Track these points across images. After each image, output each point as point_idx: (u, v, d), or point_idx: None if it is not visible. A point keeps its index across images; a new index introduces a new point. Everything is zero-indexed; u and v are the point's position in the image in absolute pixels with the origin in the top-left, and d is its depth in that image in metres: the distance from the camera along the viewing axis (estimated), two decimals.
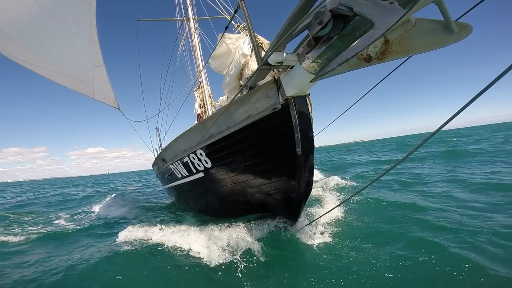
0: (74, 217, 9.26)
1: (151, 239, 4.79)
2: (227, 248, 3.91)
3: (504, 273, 2.70)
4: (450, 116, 1.95)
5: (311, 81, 2.96)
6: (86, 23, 6.82)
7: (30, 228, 7.50)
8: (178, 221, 6.14)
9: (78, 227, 6.93)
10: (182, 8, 11.08)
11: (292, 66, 3.14)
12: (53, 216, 9.67)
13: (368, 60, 2.54)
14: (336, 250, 3.68)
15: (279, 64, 3.05)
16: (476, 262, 2.96)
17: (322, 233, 4.26)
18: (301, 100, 3.47)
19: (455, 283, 2.68)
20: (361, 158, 21.19)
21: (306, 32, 2.60)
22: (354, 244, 3.83)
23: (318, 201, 6.42)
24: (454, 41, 2.26)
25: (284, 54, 2.98)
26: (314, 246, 3.87)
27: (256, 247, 3.85)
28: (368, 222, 4.70)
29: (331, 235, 4.24)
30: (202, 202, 6.39)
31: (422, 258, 3.22)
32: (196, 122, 12.48)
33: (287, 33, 2.55)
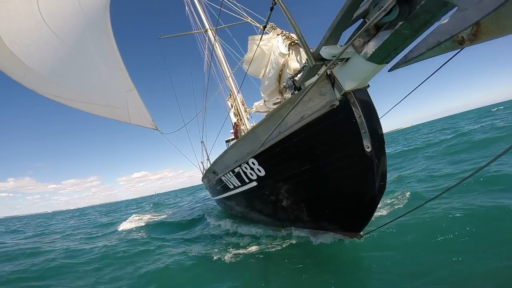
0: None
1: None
2: None
3: None
4: None
5: (390, 69, 2.56)
6: (108, 50, 6.79)
7: None
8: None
9: None
10: (198, 21, 11.00)
11: (347, 59, 2.86)
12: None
13: (462, 42, 2.21)
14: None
15: (333, 58, 2.64)
16: None
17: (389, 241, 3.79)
18: (363, 93, 3.16)
19: None
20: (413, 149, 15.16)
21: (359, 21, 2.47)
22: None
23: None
24: None
25: (339, 46, 2.71)
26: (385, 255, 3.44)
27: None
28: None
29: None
30: (254, 212, 6.32)
31: None
32: (232, 131, 12.34)
33: (342, 24, 2.39)
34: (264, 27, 3.68)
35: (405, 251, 3.46)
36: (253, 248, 5.01)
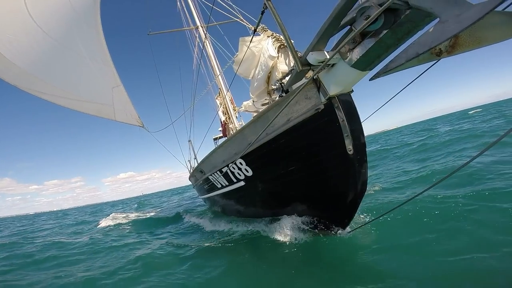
0: None
1: None
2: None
3: None
4: None
5: (371, 79, 2.69)
6: (95, 45, 6.61)
7: None
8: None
9: None
10: (189, 17, 10.85)
11: (333, 64, 2.96)
12: None
13: (439, 54, 2.32)
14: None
15: (320, 64, 2.77)
16: None
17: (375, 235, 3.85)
18: (346, 98, 3.30)
19: None
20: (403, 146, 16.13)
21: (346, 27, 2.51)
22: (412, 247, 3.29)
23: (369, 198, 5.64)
24: None
25: (326, 53, 2.81)
26: (369, 250, 3.46)
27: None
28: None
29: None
30: (241, 208, 6.45)
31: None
32: (220, 129, 12.28)
33: (329, 31, 2.45)
34: (255, 30, 3.72)
35: (387, 249, 3.48)
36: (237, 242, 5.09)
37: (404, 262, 2.99)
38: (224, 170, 5.31)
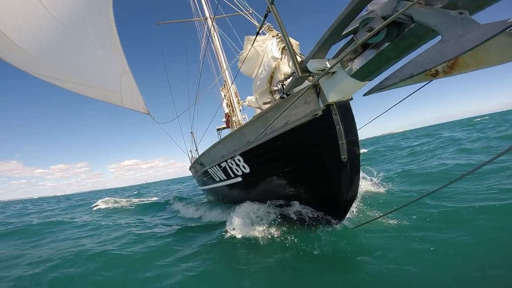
0: None
1: None
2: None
3: None
4: None
5: (365, 94, 2.68)
6: (106, 32, 6.66)
7: None
8: None
9: None
10: (198, 8, 10.78)
11: (334, 72, 2.96)
12: None
13: (435, 75, 2.27)
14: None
15: (320, 72, 2.79)
16: None
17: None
18: (345, 105, 3.34)
19: None
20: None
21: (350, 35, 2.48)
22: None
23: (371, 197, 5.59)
24: None
25: (326, 61, 2.79)
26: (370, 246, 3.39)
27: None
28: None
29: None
30: (237, 198, 6.45)
31: None
32: (224, 119, 12.35)
33: (331, 39, 2.44)
34: (257, 33, 3.72)
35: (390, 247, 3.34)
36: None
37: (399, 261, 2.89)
38: (223, 165, 5.45)
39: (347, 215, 4.09)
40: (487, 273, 2.46)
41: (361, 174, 4.93)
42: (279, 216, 4.52)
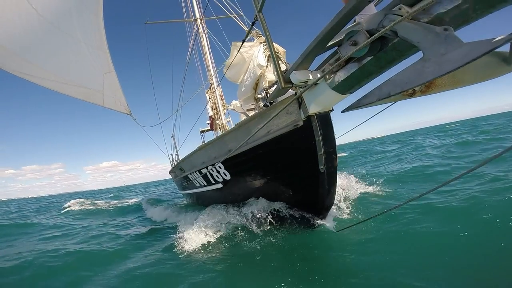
0: None
1: None
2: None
3: None
4: None
5: (343, 111, 2.68)
6: (93, 30, 6.53)
7: None
8: None
9: None
10: (190, 9, 10.77)
11: (316, 83, 2.95)
12: None
13: (412, 94, 2.33)
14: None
15: (302, 84, 2.81)
16: None
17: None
18: (325, 117, 3.40)
19: None
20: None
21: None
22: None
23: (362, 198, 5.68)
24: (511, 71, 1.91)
25: (309, 73, 2.80)
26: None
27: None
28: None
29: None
30: (218, 202, 6.51)
31: None
32: (208, 122, 12.29)
33: (315, 51, 2.43)
34: (243, 41, 3.79)
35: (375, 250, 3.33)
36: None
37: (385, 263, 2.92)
38: (203, 171, 5.46)
39: (330, 219, 4.12)
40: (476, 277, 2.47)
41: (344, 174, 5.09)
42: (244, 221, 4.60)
